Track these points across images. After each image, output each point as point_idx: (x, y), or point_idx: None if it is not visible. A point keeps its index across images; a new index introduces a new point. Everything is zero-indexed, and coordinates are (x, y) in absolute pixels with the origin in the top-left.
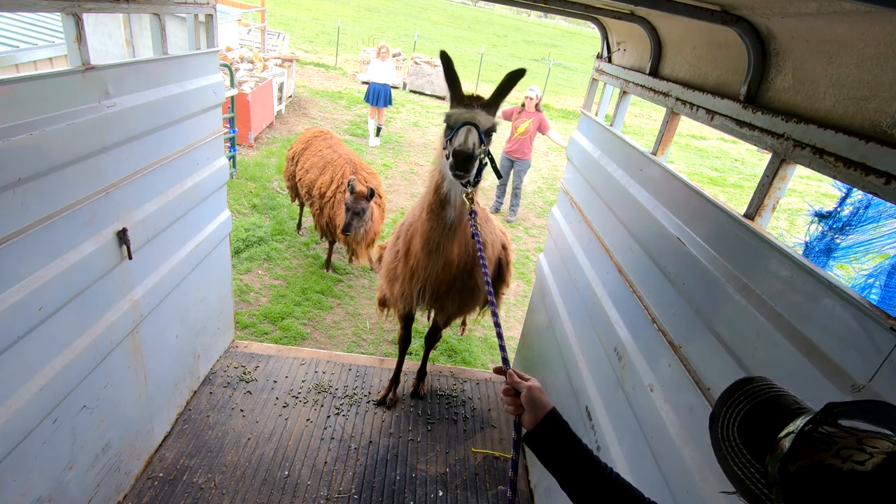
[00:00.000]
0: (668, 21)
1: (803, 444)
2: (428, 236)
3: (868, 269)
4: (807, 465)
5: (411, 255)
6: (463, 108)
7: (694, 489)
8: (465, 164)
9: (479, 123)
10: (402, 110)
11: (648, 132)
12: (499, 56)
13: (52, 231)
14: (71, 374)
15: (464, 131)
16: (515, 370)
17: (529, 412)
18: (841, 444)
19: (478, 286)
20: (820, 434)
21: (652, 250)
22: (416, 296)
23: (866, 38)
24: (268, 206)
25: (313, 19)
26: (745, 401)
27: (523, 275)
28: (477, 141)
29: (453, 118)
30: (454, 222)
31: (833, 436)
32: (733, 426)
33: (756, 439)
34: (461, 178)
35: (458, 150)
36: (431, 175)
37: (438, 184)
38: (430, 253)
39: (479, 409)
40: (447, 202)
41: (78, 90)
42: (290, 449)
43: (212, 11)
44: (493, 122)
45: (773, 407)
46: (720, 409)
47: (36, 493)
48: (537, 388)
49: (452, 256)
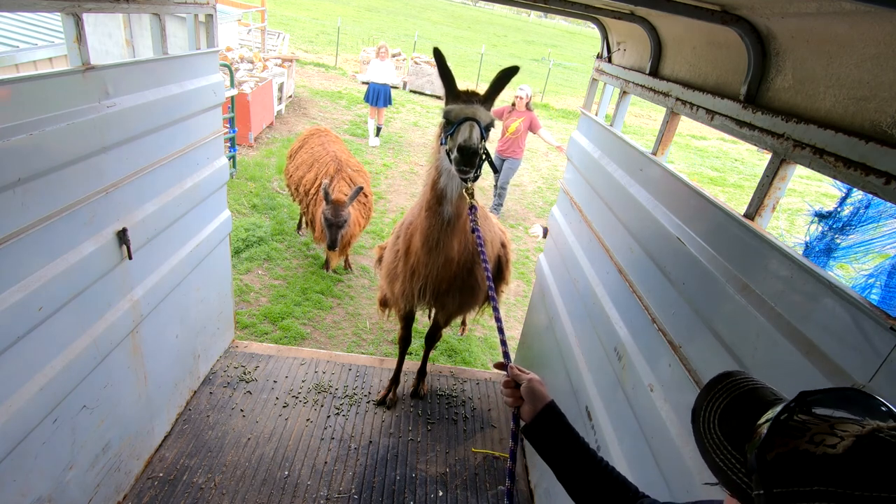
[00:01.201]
0: (668, 21)
1: (779, 433)
2: (427, 233)
3: (868, 269)
4: (783, 451)
5: (411, 253)
6: (462, 104)
7: (694, 489)
8: (471, 158)
9: (479, 119)
10: (402, 110)
11: (648, 132)
12: (499, 56)
13: (52, 231)
14: (71, 374)
15: (467, 126)
16: (516, 365)
17: (528, 404)
18: (814, 431)
19: (478, 284)
20: (795, 422)
21: (652, 250)
22: (417, 294)
23: (866, 38)
24: (268, 206)
25: (313, 19)
26: (724, 394)
27: (523, 275)
28: (479, 136)
29: (453, 113)
30: (452, 218)
31: (807, 423)
32: (714, 419)
33: (736, 430)
34: (466, 173)
35: (463, 146)
36: (428, 172)
37: (435, 180)
38: (430, 250)
39: (479, 409)
40: (444, 198)
41: (78, 90)
42: (290, 449)
43: (212, 11)
44: (491, 117)
45: (752, 399)
46: (701, 403)
47: (36, 493)
48: (537, 380)
49: (452, 253)
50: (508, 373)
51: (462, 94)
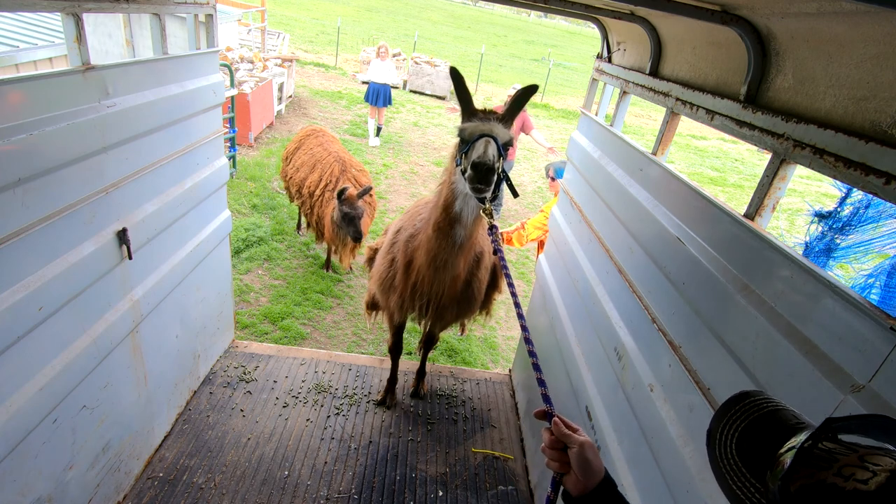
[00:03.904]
0: (668, 21)
1: (804, 462)
2: (435, 254)
3: (868, 269)
4: (808, 483)
5: (413, 269)
6: (479, 121)
7: (694, 489)
8: (486, 175)
9: (497, 136)
10: (402, 110)
11: (648, 132)
12: (499, 56)
13: (53, 231)
14: (71, 374)
15: (482, 143)
16: (561, 416)
17: (579, 474)
18: (842, 462)
19: (475, 295)
20: (820, 451)
21: (652, 250)
22: (419, 310)
23: (866, 38)
24: (268, 206)
25: (313, 19)
26: (742, 416)
27: (523, 275)
28: (496, 153)
29: (468, 131)
30: (464, 241)
31: (834, 452)
32: (731, 443)
33: (755, 457)
34: (481, 192)
35: (478, 162)
36: (440, 192)
37: (449, 201)
38: (436, 270)
39: (479, 409)
40: (458, 220)
41: (78, 90)
42: (290, 449)
43: (212, 11)
44: (509, 135)
45: (772, 422)
46: (717, 425)
47: (36, 493)
48: (590, 445)
49: (459, 271)
50: (553, 429)
51: (479, 112)
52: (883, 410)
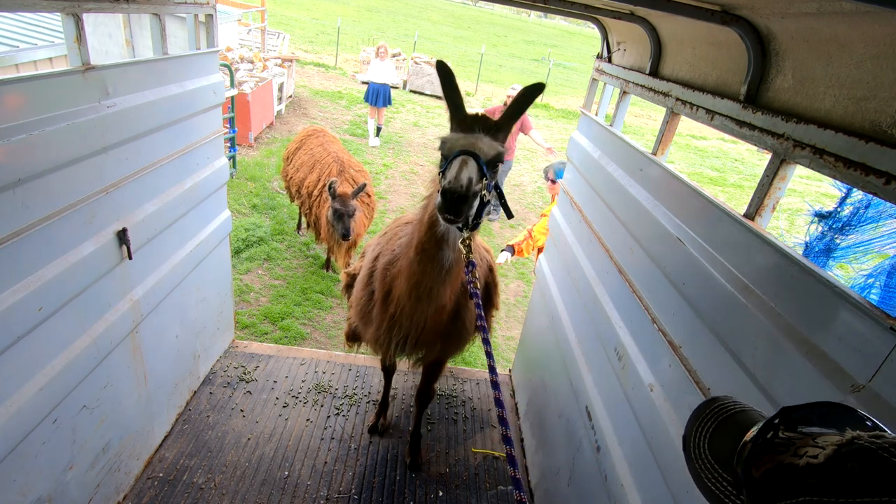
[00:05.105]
0: (668, 21)
1: (765, 450)
2: (418, 280)
3: (868, 269)
4: (770, 468)
5: (392, 300)
6: (461, 133)
7: (694, 489)
8: (455, 206)
9: (478, 152)
10: (402, 110)
11: (648, 132)
12: (499, 56)
13: (53, 231)
14: (71, 374)
15: (457, 163)
16: None
17: None
18: (798, 445)
19: (465, 327)
20: (780, 439)
21: (652, 250)
22: (395, 346)
23: (866, 38)
24: (268, 206)
25: (313, 19)
26: (712, 419)
27: (523, 275)
28: (475, 175)
29: (448, 145)
30: (452, 265)
31: (792, 439)
32: (704, 443)
33: (725, 452)
34: (451, 222)
35: (447, 189)
36: (424, 206)
37: (434, 221)
38: (419, 299)
39: (479, 409)
40: (444, 242)
41: (78, 90)
42: (290, 449)
43: (212, 11)
44: (497, 149)
45: (740, 421)
46: (690, 429)
47: (36, 492)
48: None
49: (444, 301)
50: None
51: (466, 119)
52: (883, 410)
